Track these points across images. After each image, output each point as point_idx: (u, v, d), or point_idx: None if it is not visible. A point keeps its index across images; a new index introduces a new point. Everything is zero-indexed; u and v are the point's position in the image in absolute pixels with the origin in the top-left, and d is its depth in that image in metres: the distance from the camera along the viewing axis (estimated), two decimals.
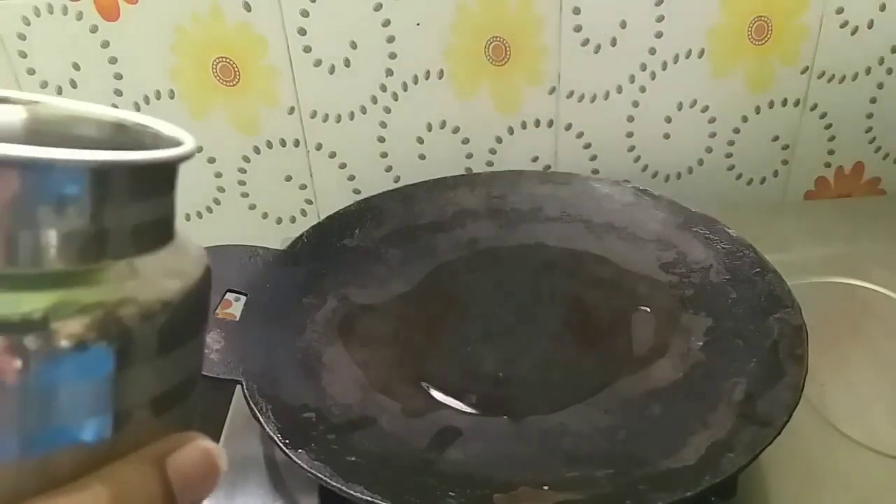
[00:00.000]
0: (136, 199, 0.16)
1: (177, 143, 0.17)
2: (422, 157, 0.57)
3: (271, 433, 0.34)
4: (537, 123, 0.56)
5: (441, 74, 0.54)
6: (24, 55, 0.51)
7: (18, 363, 0.14)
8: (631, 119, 0.57)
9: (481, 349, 0.43)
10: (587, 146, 0.58)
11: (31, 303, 0.14)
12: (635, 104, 0.56)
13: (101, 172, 0.15)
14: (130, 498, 0.15)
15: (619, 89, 0.55)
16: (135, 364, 0.15)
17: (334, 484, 0.32)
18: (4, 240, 0.14)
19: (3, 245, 0.14)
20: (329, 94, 0.54)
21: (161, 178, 0.17)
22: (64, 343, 0.14)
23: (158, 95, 0.53)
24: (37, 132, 0.19)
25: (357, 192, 0.58)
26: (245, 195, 0.58)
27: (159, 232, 0.17)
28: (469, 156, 0.58)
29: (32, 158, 0.14)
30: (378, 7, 0.51)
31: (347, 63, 0.53)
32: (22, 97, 0.19)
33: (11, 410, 0.14)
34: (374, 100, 0.55)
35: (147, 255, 0.16)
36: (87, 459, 0.15)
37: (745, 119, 0.57)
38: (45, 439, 0.14)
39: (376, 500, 0.31)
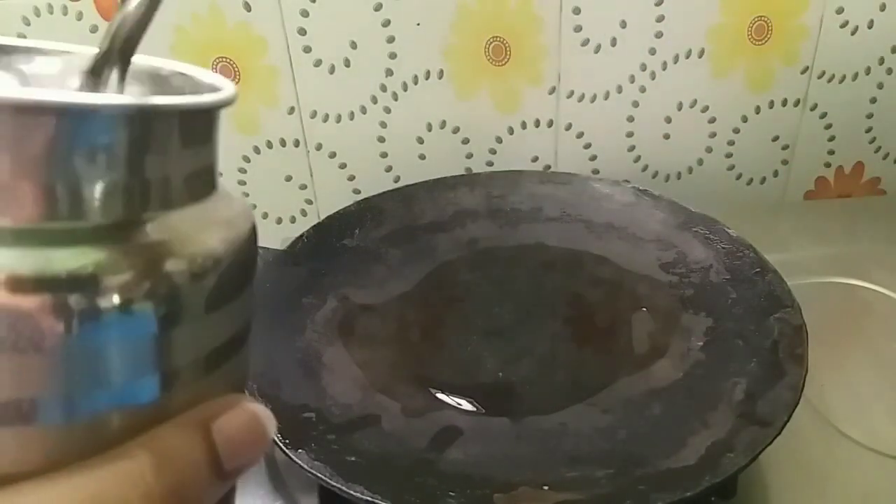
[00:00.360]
0: (179, 146, 0.15)
1: (216, 90, 0.16)
2: (422, 157, 0.57)
3: None
4: (537, 123, 0.57)
5: (441, 74, 0.54)
6: None
7: (63, 323, 0.13)
8: (631, 119, 0.57)
9: (481, 349, 0.43)
10: (587, 146, 0.58)
11: (76, 259, 0.13)
12: (635, 104, 0.56)
13: (142, 118, 0.14)
14: (175, 464, 0.14)
15: (619, 89, 0.55)
16: (184, 321, 0.15)
17: (334, 484, 0.32)
18: (43, 192, 0.13)
19: (43, 197, 0.13)
20: (329, 94, 0.54)
21: (203, 124, 0.16)
22: (111, 301, 0.13)
23: None
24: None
25: (357, 192, 0.58)
26: (245, 195, 0.58)
27: (204, 181, 0.16)
28: (469, 156, 0.58)
29: (71, 104, 0.13)
30: (378, 7, 0.51)
31: (347, 63, 0.53)
32: (55, 48, 0.18)
33: (56, 373, 0.13)
34: (374, 100, 0.55)
35: (193, 205, 0.15)
36: (137, 421, 0.14)
37: (745, 119, 0.57)
38: (92, 402, 0.14)
39: (376, 500, 0.31)
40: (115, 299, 0.13)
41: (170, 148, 0.15)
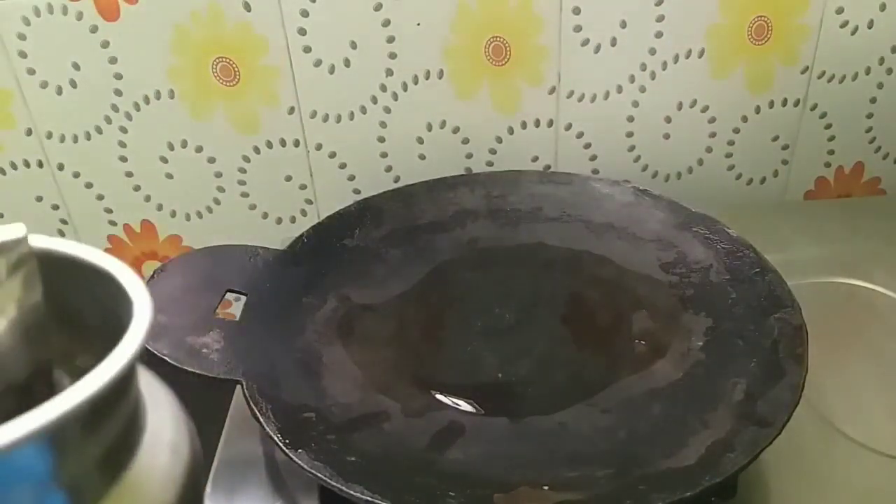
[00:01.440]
0: (93, 431, 0.12)
1: (130, 308, 0.13)
2: (422, 157, 0.57)
3: (271, 433, 0.34)
4: (537, 123, 0.56)
5: (441, 74, 0.54)
6: (24, 55, 0.51)
7: None
8: (631, 119, 0.57)
9: (481, 349, 0.43)
10: (587, 146, 0.58)
11: None
12: (635, 104, 0.56)
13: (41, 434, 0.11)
14: None
15: (619, 89, 0.55)
16: None
17: (334, 484, 0.32)
18: None
19: None
20: (329, 94, 0.54)
21: (114, 388, 0.12)
22: None
23: (158, 95, 0.53)
24: None
25: (357, 192, 0.58)
26: (245, 195, 0.58)
27: (134, 437, 0.13)
28: (469, 156, 0.58)
29: None
30: (378, 7, 0.51)
31: (347, 63, 0.53)
32: None
33: None
34: (374, 100, 0.55)
35: (120, 481, 0.12)
36: None
37: (745, 119, 0.57)
38: None
39: (376, 500, 0.31)
40: None
41: (88, 437, 0.11)
